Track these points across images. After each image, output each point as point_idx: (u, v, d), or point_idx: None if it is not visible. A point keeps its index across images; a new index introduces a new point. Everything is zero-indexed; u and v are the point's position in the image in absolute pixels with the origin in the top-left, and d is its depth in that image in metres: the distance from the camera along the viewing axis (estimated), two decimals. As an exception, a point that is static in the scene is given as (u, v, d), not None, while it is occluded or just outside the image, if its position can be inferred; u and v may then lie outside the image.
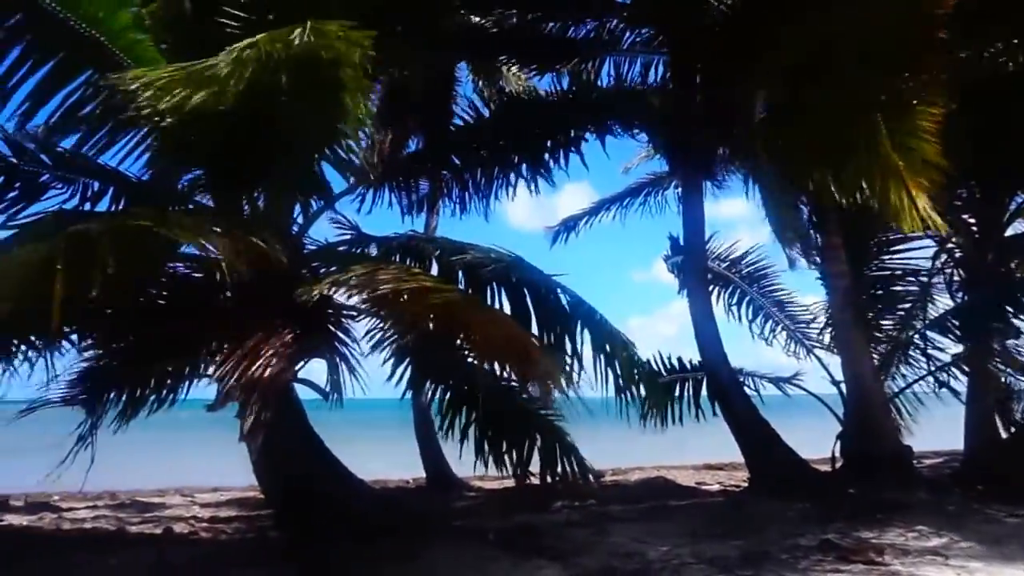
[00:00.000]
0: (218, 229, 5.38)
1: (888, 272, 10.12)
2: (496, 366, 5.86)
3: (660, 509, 8.24)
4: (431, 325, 5.54)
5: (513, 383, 6.39)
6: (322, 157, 6.18)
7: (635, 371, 6.59)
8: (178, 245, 5.51)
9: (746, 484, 9.62)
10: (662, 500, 8.95)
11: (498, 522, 7.48)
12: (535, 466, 6.75)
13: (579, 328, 6.62)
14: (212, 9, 6.02)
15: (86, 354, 6.28)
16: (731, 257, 11.34)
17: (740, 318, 11.27)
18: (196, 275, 6.23)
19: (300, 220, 6.70)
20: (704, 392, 9.73)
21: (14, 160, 6.28)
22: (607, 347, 6.53)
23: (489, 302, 6.66)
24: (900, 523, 6.66)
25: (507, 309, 6.70)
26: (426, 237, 7.61)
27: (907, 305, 10.12)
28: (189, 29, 6.01)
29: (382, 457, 13.34)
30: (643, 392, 6.71)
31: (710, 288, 10.16)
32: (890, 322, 10.23)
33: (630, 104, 7.61)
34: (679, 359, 10.29)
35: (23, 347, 5.64)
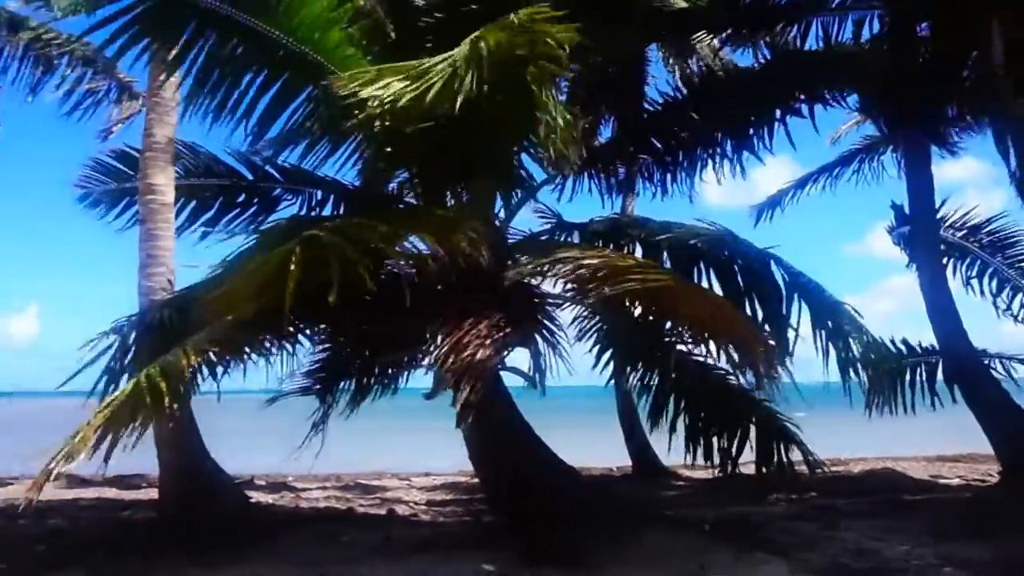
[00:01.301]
0: (427, 226, 5.65)
1: None
2: (707, 349, 5.63)
3: (893, 503, 7.59)
4: (638, 309, 5.43)
5: (725, 367, 6.11)
6: (521, 149, 6.27)
7: (863, 350, 6.05)
8: (394, 243, 5.82)
9: (994, 478, 8.62)
10: (894, 494, 8.24)
11: (712, 512, 7.25)
12: (748, 455, 6.44)
13: (796, 303, 6.22)
14: (406, 17, 6.39)
15: (319, 349, 6.82)
16: (969, 224, 10.15)
17: (982, 292, 10.09)
18: (410, 271, 6.57)
19: (502, 212, 6.85)
20: (939, 376, 8.78)
21: (251, 178, 7.04)
22: (829, 323, 6.08)
23: (697, 281, 6.43)
24: None
25: (717, 288, 6.44)
26: (628, 219, 7.48)
27: None
28: (390, 39, 6.39)
29: (585, 444, 13.43)
30: (872, 374, 6.16)
31: (944, 260, 9.17)
32: None
33: (842, 68, 6.99)
34: (903, 340, 9.40)
35: (266, 343, 6.20)
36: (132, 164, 7.65)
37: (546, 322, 5.91)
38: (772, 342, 5.41)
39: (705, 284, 6.45)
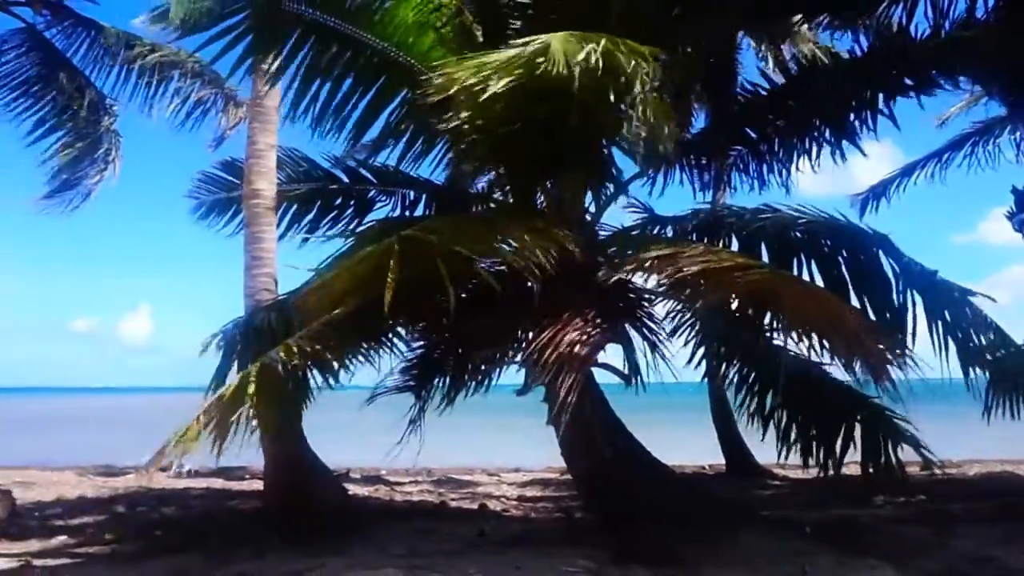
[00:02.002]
0: (518, 223, 5.69)
1: None
2: (810, 344, 5.43)
3: (1015, 509, 7.15)
4: (736, 304, 5.30)
5: (829, 363, 5.89)
6: (611, 143, 6.23)
7: (986, 345, 5.71)
8: (486, 241, 5.89)
9: None
10: (1016, 499, 7.77)
11: (812, 514, 7.03)
12: (851, 455, 6.19)
13: (909, 294, 5.94)
14: (493, 18, 6.44)
15: (414, 347, 6.95)
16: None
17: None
18: (501, 268, 6.63)
19: (592, 208, 6.82)
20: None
21: (347, 182, 7.27)
22: (947, 315, 5.79)
23: (797, 271, 6.24)
24: None
25: (818, 279, 6.22)
26: (723, 211, 7.29)
27: None
28: (478, 41, 6.46)
29: (676, 442, 13.26)
30: (996, 371, 5.81)
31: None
32: None
33: (956, 51, 6.59)
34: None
35: (363, 341, 6.38)
36: (237, 173, 8.04)
37: (642, 318, 5.86)
38: (882, 336, 5.13)
39: (806, 275, 6.23)
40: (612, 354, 6.20)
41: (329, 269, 5.96)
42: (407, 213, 7.27)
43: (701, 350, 6.63)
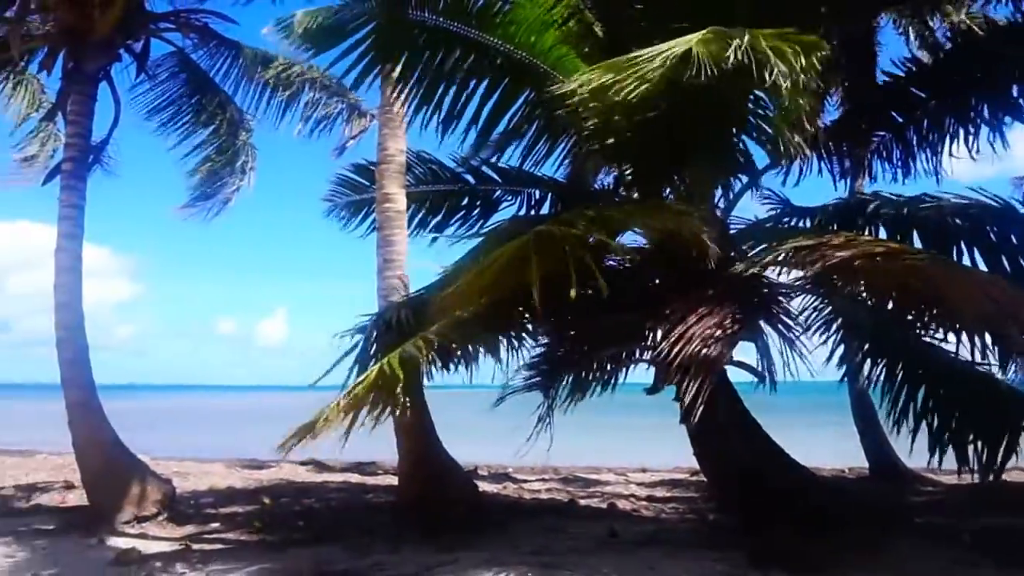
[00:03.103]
0: (647, 219, 5.59)
1: None
2: (973, 338, 5.01)
3: None
4: (887, 296, 4.96)
5: (989, 362, 5.44)
6: (742, 133, 6.02)
7: None
8: (615, 237, 5.83)
9: None
10: None
11: (970, 523, 6.53)
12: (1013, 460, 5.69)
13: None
14: (614, 16, 6.35)
15: (541, 344, 6.97)
16: None
17: None
18: (628, 265, 6.54)
19: (722, 202, 6.62)
20: None
21: (473, 183, 7.39)
22: None
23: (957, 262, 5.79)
24: None
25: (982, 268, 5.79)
26: (867, 198, 6.84)
27: None
28: (599, 38, 6.40)
29: (812, 442, 12.70)
30: None
31: None
32: None
33: None
34: None
35: (492, 338, 6.43)
36: (369, 176, 8.34)
37: (778, 314, 5.62)
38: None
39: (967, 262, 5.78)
40: (743, 351, 6.03)
41: (461, 268, 6.06)
42: (532, 212, 7.31)
43: (841, 347, 6.29)
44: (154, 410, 33.42)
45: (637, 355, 6.68)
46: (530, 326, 6.62)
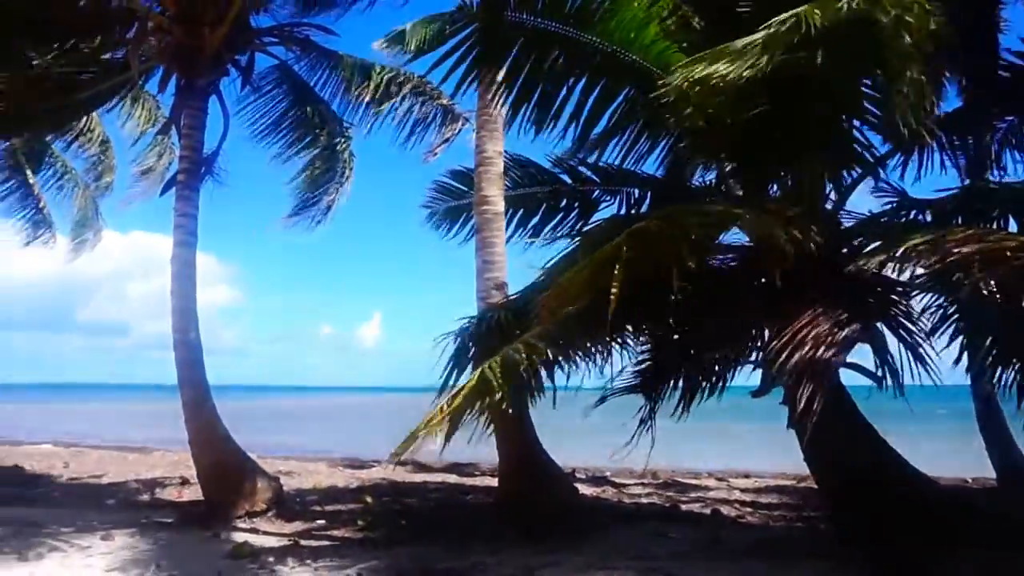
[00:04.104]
0: (752, 216, 5.39)
1: None
2: None
3: None
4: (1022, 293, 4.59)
5: None
6: (854, 120, 5.73)
7: None
8: (717, 235, 5.66)
9: None
10: None
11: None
12: None
13: None
14: (713, 8, 6.15)
15: (643, 347, 6.83)
16: None
17: None
18: (732, 264, 6.34)
19: (833, 195, 6.31)
20: None
21: (571, 183, 7.33)
22: None
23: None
24: None
25: None
26: (997, 188, 6.38)
27: None
28: (698, 30, 6.22)
29: (927, 450, 12.03)
30: None
31: None
32: None
33: None
34: None
35: (592, 341, 6.35)
36: (466, 181, 8.42)
37: (896, 314, 5.31)
38: None
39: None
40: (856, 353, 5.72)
41: (558, 270, 6.01)
42: (632, 211, 7.18)
43: (967, 348, 5.88)
44: (257, 410, 34.81)
45: (744, 356, 6.45)
46: (630, 327, 6.49)
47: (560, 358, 5.93)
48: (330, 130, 10.91)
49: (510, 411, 5.16)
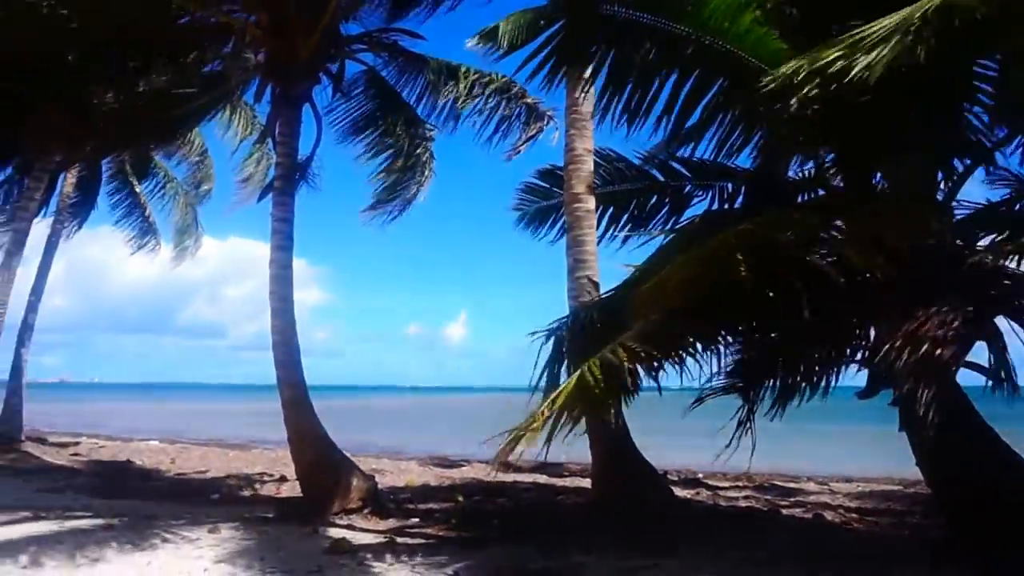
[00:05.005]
0: (856, 209, 5.14)
1: None
2: None
3: None
4: None
5: None
6: (965, 103, 5.38)
7: None
8: (820, 231, 5.42)
9: None
10: None
11: None
12: None
13: None
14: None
15: (739, 347, 6.60)
16: None
17: None
18: (835, 258, 6.06)
19: (944, 185, 5.95)
20: None
21: (662, 179, 7.16)
22: None
23: None
24: None
25: None
26: None
27: None
28: (791, 17, 5.97)
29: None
30: None
31: None
32: None
33: None
34: None
35: (690, 340, 6.18)
36: (554, 180, 8.36)
37: (1020, 309, 4.97)
38: None
39: None
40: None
41: (653, 267, 5.89)
42: (725, 206, 6.96)
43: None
44: (347, 410, 35.74)
45: (849, 356, 6.16)
46: (729, 327, 6.29)
47: (655, 359, 5.80)
48: (412, 132, 11.06)
49: (611, 412, 5.07)
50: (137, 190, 18.01)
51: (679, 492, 9.61)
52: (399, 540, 6.72)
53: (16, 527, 6.58)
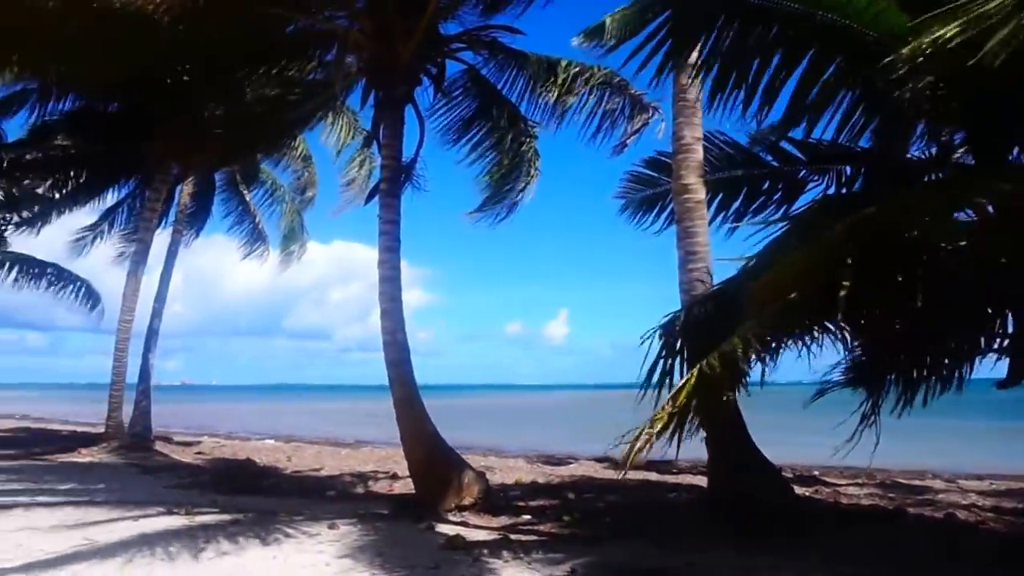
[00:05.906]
0: (991, 189, 4.79)
1: None
2: None
3: None
4: None
5: None
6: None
7: None
8: (950, 214, 5.07)
9: None
10: None
11: None
12: None
13: None
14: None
15: (860, 339, 6.29)
16: None
17: None
18: (965, 244, 5.67)
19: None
20: None
21: (774, 163, 6.85)
22: None
23: None
24: None
25: None
26: None
27: None
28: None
29: None
30: None
31: None
32: None
33: None
34: None
35: (812, 332, 5.92)
36: (661, 169, 8.16)
37: None
38: None
39: None
40: None
41: (769, 256, 5.66)
42: (843, 190, 6.60)
43: None
44: (451, 408, 36.36)
45: (984, 346, 5.76)
46: (851, 318, 5.98)
47: (774, 351, 5.59)
48: (516, 130, 10.99)
49: (730, 407, 4.91)
50: (247, 198, 18.87)
51: (797, 489, 9.27)
52: (513, 537, 6.74)
53: (150, 520, 7.00)
